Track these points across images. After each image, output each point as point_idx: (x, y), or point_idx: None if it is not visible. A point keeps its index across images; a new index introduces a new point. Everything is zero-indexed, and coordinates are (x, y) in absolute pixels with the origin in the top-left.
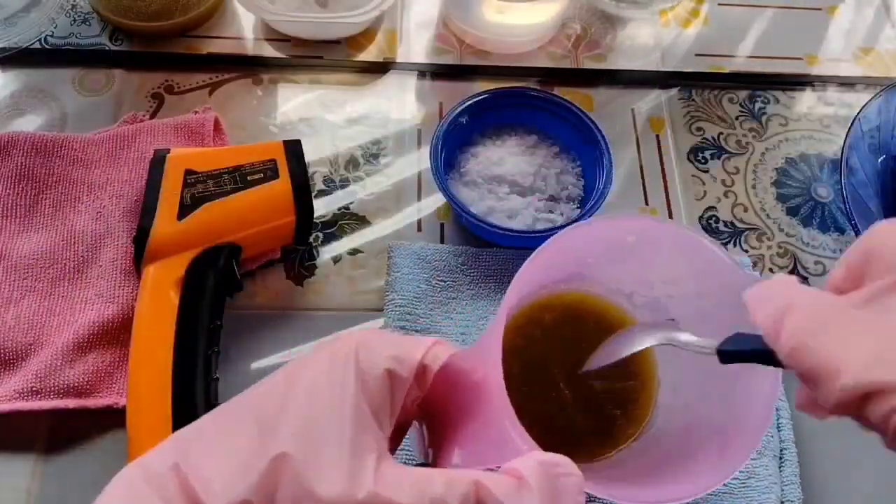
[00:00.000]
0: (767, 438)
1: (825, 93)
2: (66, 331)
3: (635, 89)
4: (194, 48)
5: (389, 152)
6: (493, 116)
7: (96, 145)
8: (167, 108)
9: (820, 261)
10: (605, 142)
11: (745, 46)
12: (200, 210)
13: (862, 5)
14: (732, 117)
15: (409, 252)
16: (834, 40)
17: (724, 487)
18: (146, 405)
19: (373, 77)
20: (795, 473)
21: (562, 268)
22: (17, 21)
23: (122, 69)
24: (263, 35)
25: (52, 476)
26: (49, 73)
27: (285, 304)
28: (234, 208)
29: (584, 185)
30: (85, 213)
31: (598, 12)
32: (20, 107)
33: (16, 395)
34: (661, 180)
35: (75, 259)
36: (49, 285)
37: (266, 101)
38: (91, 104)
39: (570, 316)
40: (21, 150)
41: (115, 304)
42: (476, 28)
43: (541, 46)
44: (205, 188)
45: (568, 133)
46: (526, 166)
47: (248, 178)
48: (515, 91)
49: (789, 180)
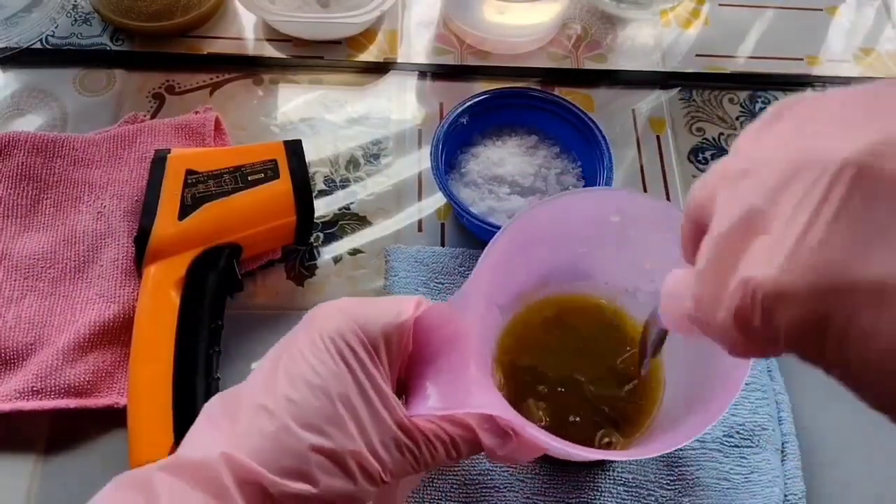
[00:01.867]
0: (769, 433)
1: None
2: (66, 331)
3: (636, 90)
4: (195, 48)
5: (390, 152)
6: (494, 117)
7: (97, 145)
8: (168, 108)
9: None
10: (605, 142)
11: (745, 47)
12: (201, 210)
13: (862, 6)
14: (733, 118)
15: (407, 255)
16: (834, 41)
17: (728, 483)
18: (146, 405)
19: (373, 77)
20: (798, 467)
21: (551, 252)
22: (18, 21)
23: (122, 69)
24: (264, 35)
25: (52, 476)
26: (50, 73)
27: (286, 304)
28: (235, 208)
29: (584, 186)
30: (86, 213)
31: (598, 13)
32: (21, 107)
33: (16, 394)
34: (661, 181)
35: (76, 259)
36: (50, 285)
37: (267, 102)
38: (92, 104)
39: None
40: (22, 150)
41: (115, 303)
42: (476, 28)
43: (541, 47)
44: (206, 188)
45: (568, 133)
46: (526, 167)
47: (248, 178)
48: (516, 91)
49: None
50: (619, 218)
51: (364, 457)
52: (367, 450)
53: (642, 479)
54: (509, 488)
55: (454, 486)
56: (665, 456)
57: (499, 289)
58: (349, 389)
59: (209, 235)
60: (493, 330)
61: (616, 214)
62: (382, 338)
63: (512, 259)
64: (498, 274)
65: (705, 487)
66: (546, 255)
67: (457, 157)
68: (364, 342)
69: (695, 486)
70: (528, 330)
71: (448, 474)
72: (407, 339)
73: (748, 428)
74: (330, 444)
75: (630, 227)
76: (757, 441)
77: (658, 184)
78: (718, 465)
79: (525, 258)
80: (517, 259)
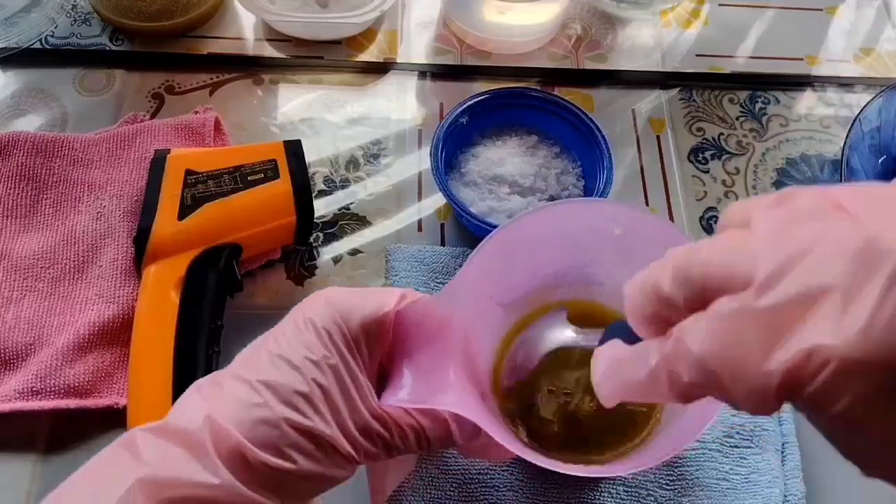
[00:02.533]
0: (769, 433)
1: (825, 93)
2: (66, 331)
3: (636, 90)
4: (195, 48)
5: (390, 152)
6: (494, 117)
7: (96, 145)
8: (168, 108)
9: None
10: (605, 142)
11: (745, 47)
12: (201, 210)
13: (862, 6)
14: (733, 118)
15: (407, 255)
16: (834, 41)
17: (728, 483)
18: (146, 405)
19: (373, 77)
20: (798, 467)
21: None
22: (17, 21)
23: (122, 69)
24: (264, 35)
25: (52, 476)
26: (50, 73)
27: (286, 305)
28: (235, 208)
29: (584, 186)
30: (85, 214)
31: (598, 13)
32: (21, 107)
33: (16, 395)
34: (661, 181)
35: (76, 259)
36: (49, 285)
37: (266, 102)
38: (92, 104)
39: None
40: (21, 150)
41: (115, 304)
42: (477, 28)
43: (541, 47)
44: (205, 188)
45: (568, 133)
46: (526, 167)
47: (248, 178)
48: (516, 91)
49: (790, 181)
50: (621, 231)
51: (336, 438)
52: (341, 432)
53: (642, 479)
54: (509, 488)
55: (454, 486)
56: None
57: (497, 287)
58: (326, 374)
59: (209, 235)
60: (495, 329)
61: (618, 227)
62: (362, 329)
63: (512, 259)
64: (494, 273)
65: (705, 488)
66: (549, 259)
67: (457, 157)
68: (344, 331)
69: (694, 487)
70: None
71: (448, 474)
72: (387, 331)
73: (748, 428)
74: (305, 421)
75: (632, 240)
76: (757, 441)
77: (658, 184)
78: (718, 465)
79: (526, 260)
80: (518, 259)
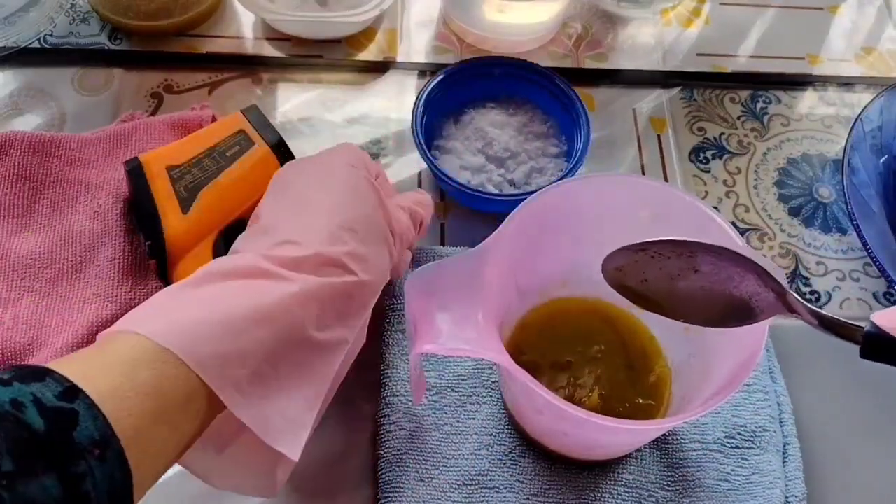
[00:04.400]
0: (770, 434)
1: (827, 93)
2: (64, 331)
3: (637, 89)
4: (194, 47)
5: (389, 152)
6: (475, 86)
7: (93, 145)
8: (166, 107)
9: (822, 261)
10: (580, 103)
11: (746, 46)
12: (200, 198)
13: (864, 5)
14: (734, 117)
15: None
16: (836, 40)
17: (729, 484)
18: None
19: (373, 76)
20: (799, 469)
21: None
22: (16, 20)
23: (121, 68)
24: (263, 34)
25: None
26: (48, 72)
27: None
28: (229, 185)
29: (566, 151)
30: (83, 213)
31: (599, 12)
32: (19, 106)
33: None
34: (662, 181)
35: (73, 259)
36: (47, 285)
37: (266, 101)
38: (90, 104)
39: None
40: (18, 149)
41: (113, 303)
42: (477, 27)
43: (542, 46)
44: (193, 178)
45: (546, 100)
46: (508, 136)
47: (226, 154)
48: (495, 60)
49: (791, 180)
50: (648, 212)
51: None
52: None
53: (643, 479)
54: (509, 489)
55: (454, 486)
56: (665, 457)
57: (518, 265)
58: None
59: (217, 218)
60: (509, 313)
61: (645, 209)
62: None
63: (532, 239)
64: (518, 249)
65: (706, 489)
66: (568, 245)
67: (440, 125)
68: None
69: (695, 488)
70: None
71: (448, 474)
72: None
73: (749, 429)
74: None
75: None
76: (758, 442)
77: None
78: (719, 466)
79: (546, 244)
80: (539, 241)
